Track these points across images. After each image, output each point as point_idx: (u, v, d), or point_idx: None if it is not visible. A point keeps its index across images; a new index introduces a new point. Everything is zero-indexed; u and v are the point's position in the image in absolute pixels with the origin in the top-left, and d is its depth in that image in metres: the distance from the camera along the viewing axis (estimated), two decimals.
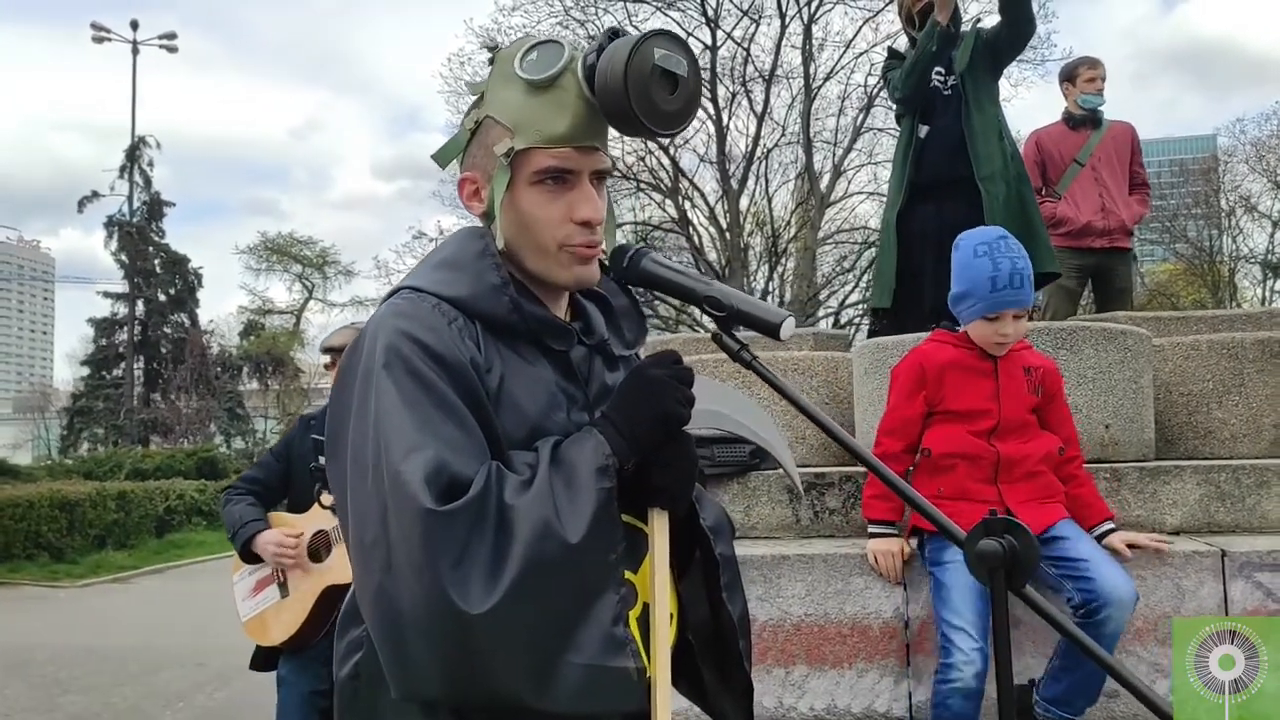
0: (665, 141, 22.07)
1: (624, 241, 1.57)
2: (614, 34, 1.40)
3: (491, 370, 1.42)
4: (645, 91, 1.37)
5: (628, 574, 1.39)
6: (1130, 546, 3.06)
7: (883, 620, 3.11)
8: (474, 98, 1.52)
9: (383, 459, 1.30)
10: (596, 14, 21.52)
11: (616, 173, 21.95)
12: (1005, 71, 5.22)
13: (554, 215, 1.45)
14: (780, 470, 3.42)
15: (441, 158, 1.55)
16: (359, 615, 1.40)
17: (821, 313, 24.59)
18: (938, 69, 4.78)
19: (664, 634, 1.43)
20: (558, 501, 1.30)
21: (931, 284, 4.72)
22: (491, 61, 1.49)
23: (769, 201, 24.39)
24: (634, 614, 1.41)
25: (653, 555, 1.45)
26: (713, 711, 1.66)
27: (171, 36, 33.05)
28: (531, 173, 1.44)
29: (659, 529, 1.45)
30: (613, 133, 1.47)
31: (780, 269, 24.96)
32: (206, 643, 8.23)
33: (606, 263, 1.55)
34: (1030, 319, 3.13)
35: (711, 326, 1.49)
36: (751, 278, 23.89)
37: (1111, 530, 3.06)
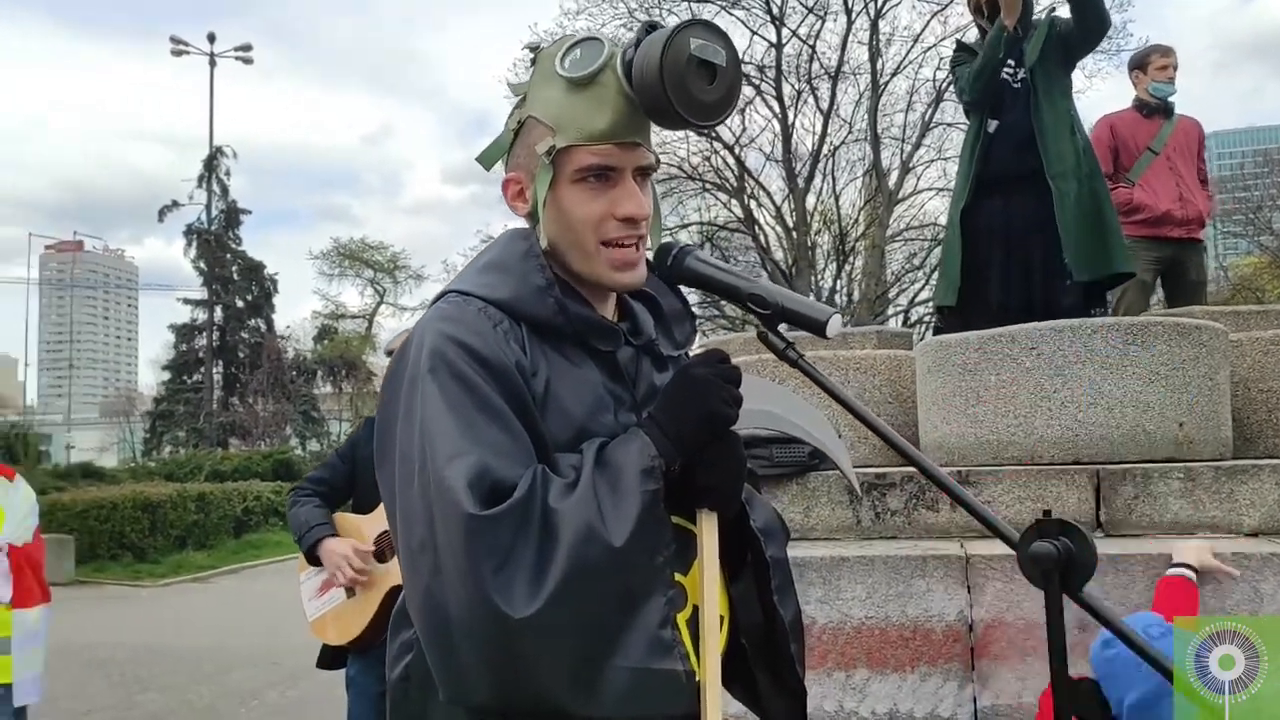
0: (730, 141, 22.01)
1: (670, 239, 1.55)
2: (651, 27, 1.38)
3: (537, 373, 1.41)
4: (681, 82, 1.35)
5: (677, 576, 1.38)
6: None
7: (946, 623, 3.04)
8: (517, 98, 1.51)
9: (428, 464, 1.30)
10: (661, 15, 21.45)
11: (681, 173, 21.91)
12: (1079, 63, 5.08)
13: (596, 212, 1.43)
14: (839, 471, 3.36)
15: (485, 159, 1.55)
16: (410, 617, 1.40)
17: (891, 311, 24.30)
18: (1007, 61, 4.68)
19: (714, 637, 1.41)
20: (602, 505, 1.29)
21: (998, 280, 4.64)
22: (533, 61, 1.49)
23: (836, 199, 24.14)
24: (683, 616, 1.39)
25: (701, 557, 1.42)
26: (766, 715, 1.63)
27: (247, 48, 33.86)
28: (573, 171, 1.43)
29: (707, 530, 1.43)
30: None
31: (848, 267, 24.70)
32: (280, 642, 8.39)
33: (651, 261, 1.54)
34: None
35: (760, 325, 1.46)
36: (819, 276, 23.68)
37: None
